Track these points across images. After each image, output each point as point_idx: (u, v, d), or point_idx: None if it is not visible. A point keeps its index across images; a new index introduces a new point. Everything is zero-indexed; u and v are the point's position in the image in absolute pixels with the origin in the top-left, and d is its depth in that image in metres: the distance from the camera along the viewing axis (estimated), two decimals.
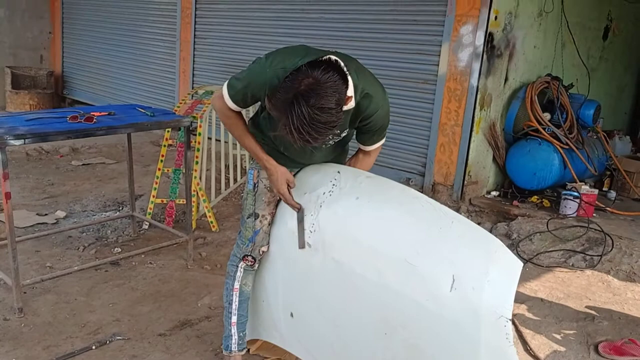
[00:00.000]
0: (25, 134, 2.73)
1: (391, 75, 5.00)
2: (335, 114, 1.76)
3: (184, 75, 7.12)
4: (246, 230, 2.33)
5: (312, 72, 1.75)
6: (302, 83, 1.73)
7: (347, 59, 1.99)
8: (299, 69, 1.77)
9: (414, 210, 1.97)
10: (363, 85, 1.97)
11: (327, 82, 1.74)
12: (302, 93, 1.72)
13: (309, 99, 1.71)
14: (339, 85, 1.77)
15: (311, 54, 1.95)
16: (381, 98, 2.05)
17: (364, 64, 2.09)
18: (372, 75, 2.08)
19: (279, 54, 2.03)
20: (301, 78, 1.74)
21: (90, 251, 3.75)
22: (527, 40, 4.87)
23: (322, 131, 1.76)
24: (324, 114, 1.73)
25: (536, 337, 3.00)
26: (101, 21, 8.35)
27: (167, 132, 4.30)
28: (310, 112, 1.71)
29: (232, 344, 2.46)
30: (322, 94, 1.73)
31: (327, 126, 1.76)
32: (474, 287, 1.73)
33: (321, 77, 1.74)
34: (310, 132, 1.74)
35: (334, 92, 1.75)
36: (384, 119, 2.12)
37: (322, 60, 1.83)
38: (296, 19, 5.80)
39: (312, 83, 1.73)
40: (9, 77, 8.47)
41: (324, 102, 1.73)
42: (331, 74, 1.76)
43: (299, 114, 1.72)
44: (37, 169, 5.62)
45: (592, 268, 3.86)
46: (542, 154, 4.72)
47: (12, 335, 2.73)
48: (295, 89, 1.73)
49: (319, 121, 1.73)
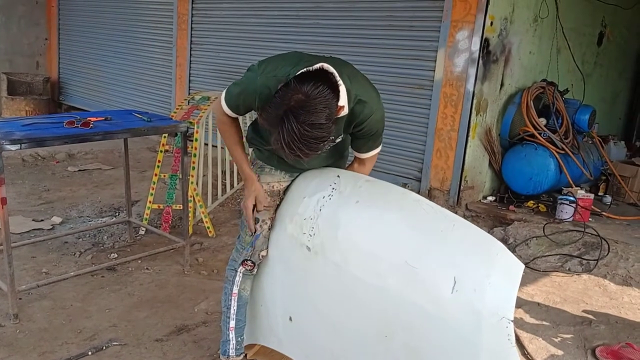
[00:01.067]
0: (21, 139, 2.71)
1: (387, 81, 5.01)
2: (326, 129, 1.76)
3: (180, 81, 7.12)
4: (246, 235, 2.32)
5: (301, 87, 1.73)
6: (292, 99, 1.72)
7: (341, 64, 1.99)
8: (288, 84, 1.76)
9: (414, 214, 1.97)
10: (356, 90, 1.96)
11: (317, 98, 1.73)
12: (292, 109, 1.72)
13: (298, 116, 1.71)
14: (329, 99, 1.76)
15: (304, 61, 1.94)
16: (375, 103, 2.04)
17: (360, 70, 2.09)
18: (367, 80, 2.07)
19: (271, 61, 2.03)
20: (291, 94, 1.73)
21: (86, 257, 3.73)
22: (523, 46, 4.90)
23: (312, 146, 1.76)
24: (315, 130, 1.73)
25: (533, 341, 3.00)
26: (97, 27, 8.35)
27: (164, 137, 4.29)
28: (301, 129, 1.71)
29: (229, 349, 2.45)
30: (311, 110, 1.72)
31: (317, 141, 1.76)
32: (475, 289, 1.73)
33: (311, 92, 1.73)
34: (301, 147, 1.74)
35: (324, 107, 1.74)
36: (378, 124, 2.10)
37: (313, 73, 1.82)
38: (292, 25, 5.82)
39: (302, 99, 1.72)
40: (5, 83, 8.46)
41: (314, 118, 1.72)
42: (321, 89, 1.75)
43: (290, 130, 1.71)
44: (33, 175, 5.60)
45: (588, 272, 3.86)
46: (538, 159, 4.74)
47: (7, 341, 2.71)
48: (286, 105, 1.72)
49: (310, 137, 1.73)
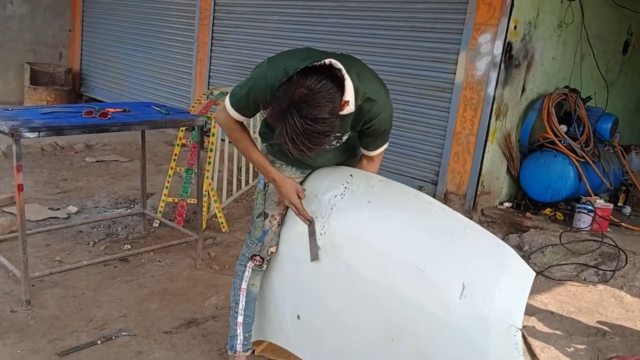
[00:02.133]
0: (40, 127, 2.74)
1: (407, 83, 4.98)
2: (329, 124, 1.74)
3: (200, 76, 7.15)
4: (255, 230, 2.32)
5: (304, 81, 1.72)
6: (295, 93, 1.71)
7: (350, 61, 1.97)
8: (291, 78, 1.75)
9: (426, 216, 1.95)
10: (365, 88, 1.94)
11: (320, 92, 1.72)
12: (295, 103, 1.70)
13: (301, 110, 1.69)
14: (332, 93, 1.75)
15: (313, 56, 1.93)
16: (384, 101, 2.01)
17: (380, 71, 2.07)
18: (376, 77, 2.04)
19: (281, 56, 2.02)
20: (294, 88, 1.72)
21: (100, 247, 3.76)
22: (546, 51, 4.83)
23: (316, 141, 1.74)
24: (317, 124, 1.71)
25: (545, 350, 2.95)
26: (120, 21, 8.42)
27: (181, 131, 4.31)
28: (303, 123, 1.69)
29: (237, 344, 2.44)
30: (314, 104, 1.70)
31: (321, 135, 1.74)
32: (484, 296, 1.70)
33: (314, 86, 1.72)
34: (305, 142, 1.73)
35: (327, 101, 1.73)
36: (386, 122, 2.08)
37: (317, 67, 1.80)
38: (313, 24, 5.81)
39: (305, 93, 1.71)
40: (28, 73, 8.56)
41: (317, 112, 1.71)
42: (325, 82, 1.73)
43: (292, 124, 1.70)
44: (51, 164, 5.66)
45: (604, 283, 3.80)
46: (557, 167, 4.67)
47: (18, 327, 2.74)
48: (289, 99, 1.71)
49: (313, 131, 1.71)
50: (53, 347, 2.61)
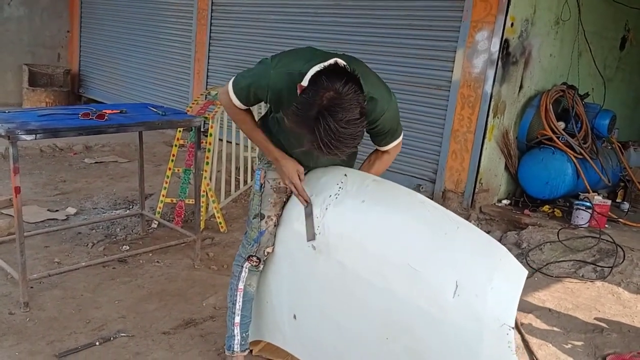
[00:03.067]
0: (36, 129, 2.75)
1: (404, 81, 4.98)
2: (360, 124, 1.76)
3: (198, 76, 7.15)
4: (252, 231, 2.32)
5: (332, 84, 1.72)
6: (324, 97, 1.72)
7: (352, 61, 1.98)
8: (316, 82, 1.76)
9: (419, 215, 1.96)
10: (368, 88, 1.94)
11: (348, 94, 1.73)
12: (327, 108, 1.71)
13: (335, 114, 1.70)
14: (359, 95, 1.76)
15: (317, 57, 1.94)
16: (387, 101, 2.03)
17: (377, 69, 2.08)
18: (378, 78, 2.06)
19: (285, 56, 2.03)
20: (322, 92, 1.72)
21: (98, 248, 3.77)
22: (543, 48, 4.83)
23: (349, 143, 1.76)
24: (351, 127, 1.72)
25: (543, 347, 2.96)
26: (118, 21, 8.42)
27: (179, 132, 4.31)
28: (338, 127, 1.70)
29: (234, 344, 2.45)
30: (346, 107, 1.71)
31: (354, 137, 1.75)
32: (477, 294, 1.71)
33: (342, 89, 1.72)
34: (339, 145, 1.74)
35: (357, 103, 1.74)
36: (391, 121, 2.10)
37: (332, 69, 1.81)
38: (310, 22, 5.81)
39: (335, 97, 1.71)
40: (26, 74, 8.57)
41: (350, 115, 1.72)
42: (350, 85, 1.74)
43: (327, 129, 1.70)
44: (50, 166, 5.67)
45: (602, 279, 3.80)
46: (555, 163, 4.67)
47: (16, 329, 2.75)
48: (318, 104, 1.71)
49: (347, 134, 1.73)
50: (51, 348, 2.61)
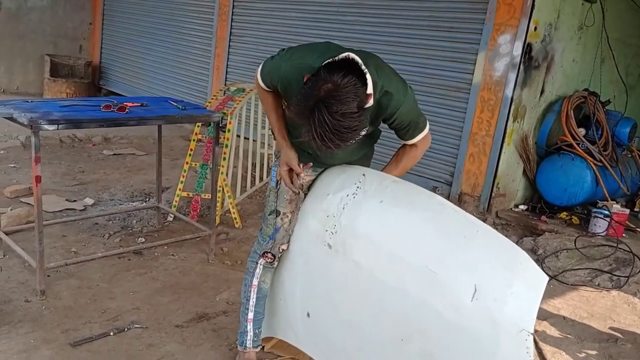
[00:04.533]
0: (58, 119, 2.77)
1: (424, 82, 4.96)
2: (358, 118, 1.74)
3: (217, 71, 7.18)
4: (267, 227, 2.33)
5: (330, 76, 1.72)
6: (321, 89, 1.71)
7: (367, 55, 1.97)
8: (317, 73, 1.76)
9: (438, 217, 1.94)
10: (383, 82, 1.94)
11: (346, 86, 1.72)
12: (323, 99, 1.70)
13: (330, 106, 1.70)
14: (358, 88, 1.75)
15: (332, 50, 1.94)
16: (402, 94, 2.00)
17: (397, 69, 2.07)
18: (394, 71, 2.04)
19: (299, 50, 2.04)
20: (321, 84, 1.72)
21: (115, 239, 3.80)
22: (566, 53, 4.79)
23: (344, 136, 1.74)
24: (346, 120, 1.71)
25: (556, 355, 2.93)
26: (140, 15, 8.48)
27: (197, 127, 4.33)
28: (332, 119, 1.70)
29: (247, 340, 2.46)
30: (343, 99, 1.70)
31: (349, 130, 1.74)
32: (496, 299, 1.69)
33: (340, 81, 1.71)
34: (333, 138, 1.73)
35: (355, 96, 1.73)
36: (409, 114, 2.06)
37: (340, 62, 1.80)
38: (332, 21, 5.80)
39: (332, 89, 1.71)
40: (48, 65, 8.67)
41: (346, 107, 1.71)
42: (350, 77, 1.73)
43: (321, 120, 1.70)
44: (69, 156, 5.72)
45: (618, 289, 3.76)
46: (575, 170, 4.63)
47: (32, 317, 2.78)
48: (315, 95, 1.71)
49: (342, 127, 1.72)
50: (66, 337, 2.64)
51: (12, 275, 3.14)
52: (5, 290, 2.98)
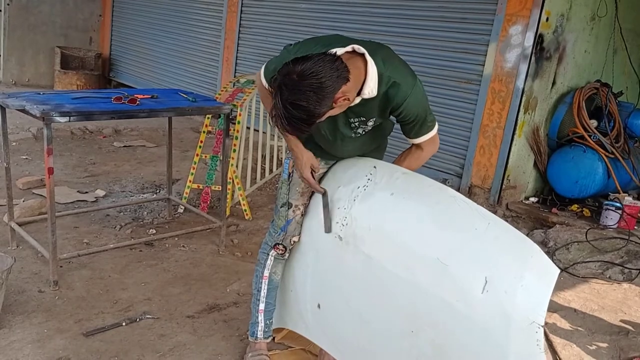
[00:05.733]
0: (70, 111, 2.79)
1: (434, 74, 4.94)
2: (308, 113, 1.76)
3: (227, 63, 7.18)
4: (279, 219, 2.33)
5: (297, 66, 1.75)
6: (285, 76, 1.76)
7: (377, 47, 1.96)
8: (295, 59, 1.78)
9: (449, 210, 1.94)
10: (390, 73, 1.92)
11: (307, 80, 1.73)
12: (281, 86, 1.76)
13: (283, 93, 1.75)
14: (322, 84, 1.74)
15: (339, 42, 1.93)
16: (410, 86, 1.97)
17: (407, 60, 2.05)
18: (403, 64, 2.02)
19: (307, 43, 2.04)
20: (286, 71, 1.77)
21: (126, 231, 3.83)
22: (578, 44, 4.74)
23: (295, 125, 1.80)
24: (296, 110, 1.75)
25: (567, 347, 2.93)
26: (150, 6, 8.49)
27: (207, 119, 4.34)
28: (282, 107, 1.76)
29: (257, 331, 2.47)
30: (296, 90, 1.74)
31: (300, 122, 1.78)
32: (507, 291, 1.69)
33: (304, 72, 1.73)
34: (284, 124, 1.80)
35: (311, 91, 1.73)
36: (416, 107, 2.02)
37: (324, 54, 1.80)
38: (342, 12, 5.78)
39: (292, 79, 1.74)
40: (58, 57, 8.70)
41: (296, 98, 1.74)
42: (319, 71, 1.73)
43: (276, 104, 1.78)
44: (80, 148, 5.76)
45: (629, 281, 3.74)
46: (586, 162, 4.59)
47: (45, 307, 2.81)
48: (279, 80, 1.77)
49: (292, 116, 1.76)
50: (79, 327, 2.67)
51: (25, 266, 3.18)
52: (19, 280, 3.01)
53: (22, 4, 8.67)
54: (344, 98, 1.83)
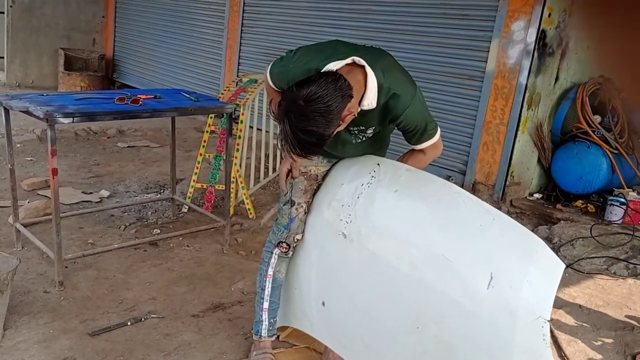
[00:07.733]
0: (74, 112, 2.80)
1: (437, 71, 4.93)
2: (319, 136, 1.79)
3: (229, 62, 7.19)
4: (282, 217, 2.33)
5: (302, 91, 1.75)
6: (291, 102, 1.77)
7: (377, 56, 1.96)
8: (298, 83, 1.79)
9: (454, 206, 1.94)
10: (390, 84, 1.93)
11: (314, 104, 1.75)
12: (288, 113, 1.77)
13: (291, 120, 1.76)
14: (328, 107, 1.76)
15: (339, 52, 1.93)
16: (409, 97, 1.97)
17: (410, 58, 2.07)
18: (404, 73, 2.02)
19: (307, 52, 2.03)
20: (291, 96, 1.77)
21: (130, 231, 3.83)
22: (581, 40, 4.72)
23: (306, 149, 1.82)
24: (306, 136, 1.77)
25: (572, 343, 2.92)
26: (152, 7, 8.50)
27: (210, 118, 4.34)
28: (293, 133, 1.77)
29: (262, 330, 2.47)
30: (305, 116, 1.76)
31: (310, 145, 1.81)
32: (512, 286, 1.69)
33: (310, 97, 1.75)
34: (295, 149, 1.81)
35: (319, 115, 1.75)
36: (415, 118, 2.03)
37: (327, 73, 1.82)
38: (344, 11, 5.77)
39: (299, 105, 1.76)
40: (62, 58, 8.72)
41: (306, 124, 1.76)
42: (324, 93, 1.75)
43: (286, 131, 1.78)
44: (84, 149, 5.77)
45: (634, 277, 3.73)
46: (590, 158, 4.58)
47: (51, 307, 2.82)
48: (286, 106, 1.78)
49: (303, 141, 1.78)
50: (84, 327, 2.68)
51: (31, 267, 3.19)
52: (24, 281, 3.02)
53: (25, 6, 8.69)
54: (350, 114, 1.87)
